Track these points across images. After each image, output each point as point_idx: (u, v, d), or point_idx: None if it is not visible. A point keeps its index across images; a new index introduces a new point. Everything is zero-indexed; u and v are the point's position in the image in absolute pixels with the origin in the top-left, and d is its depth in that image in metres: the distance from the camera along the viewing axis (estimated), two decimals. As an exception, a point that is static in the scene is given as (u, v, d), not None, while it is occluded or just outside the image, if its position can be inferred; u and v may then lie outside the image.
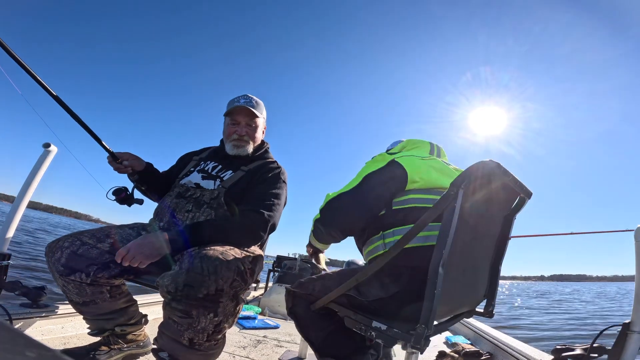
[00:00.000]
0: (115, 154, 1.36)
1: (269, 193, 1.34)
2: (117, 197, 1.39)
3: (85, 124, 1.28)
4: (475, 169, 0.85)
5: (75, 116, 1.25)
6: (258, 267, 1.27)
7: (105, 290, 1.22)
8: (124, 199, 1.40)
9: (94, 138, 1.32)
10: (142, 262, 1.08)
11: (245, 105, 1.42)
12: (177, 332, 1.01)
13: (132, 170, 1.39)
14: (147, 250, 1.09)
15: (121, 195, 1.40)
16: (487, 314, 1.22)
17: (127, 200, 1.41)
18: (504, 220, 1.18)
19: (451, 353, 2.04)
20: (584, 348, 1.45)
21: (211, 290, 0.96)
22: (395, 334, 0.87)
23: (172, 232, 1.17)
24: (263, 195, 1.33)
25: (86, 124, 1.28)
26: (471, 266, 1.08)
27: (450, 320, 1.15)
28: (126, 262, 1.07)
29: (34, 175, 1.47)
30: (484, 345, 2.25)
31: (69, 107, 1.23)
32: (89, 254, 1.19)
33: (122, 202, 1.40)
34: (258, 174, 1.41)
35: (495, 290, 1.22)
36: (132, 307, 1.36)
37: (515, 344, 1.96)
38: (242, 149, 1.45)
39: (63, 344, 1.46)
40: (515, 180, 1.02)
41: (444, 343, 2.44)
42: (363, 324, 0.97)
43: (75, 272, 1.16)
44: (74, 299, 1.21)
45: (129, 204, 1.42)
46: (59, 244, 1.19)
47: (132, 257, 1.07)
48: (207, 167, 1.45)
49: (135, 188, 1.45)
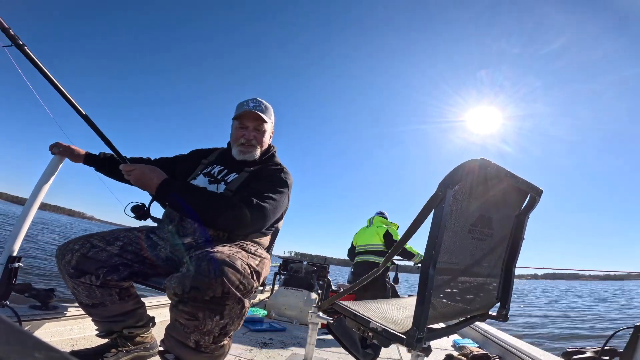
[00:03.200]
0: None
1: (266, 189, 1.29)
2: (137, 214, 1.40)
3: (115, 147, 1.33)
4: (463, 168, 0.83)
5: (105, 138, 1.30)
6: (264, 270, 1.27)
7: (114, 292, 1.24)
8: (142, 216, 1.41)
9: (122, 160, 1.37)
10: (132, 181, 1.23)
11: (254, 109, 1.41)
12: (184, 335, 1.01)
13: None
14: (143, 180, 1.21)
15: (140, 212, 1.40)
16: (500, 318, 1.19)
17: (144, 217, 1.42)
18: (516, 220, 1.16)
19: (459, 356, 2.02)
20: (595, 351, 1.42)
21: (217, 292, 0.97)
22: (390, 335, 0.88)
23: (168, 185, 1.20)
24: (259, 190, 1.28)
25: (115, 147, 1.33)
26: (477, 268, 1.06)
27: (460, 323, 1.14)
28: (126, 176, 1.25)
29: (44, 180, 1.49)
30: (492, 348, 2.23)
31: (98, 128, 1.29)
32: (99, 256, 1.20)
33: (139, 218, 1.41)
34: (262, 173, 1.40)
35: (509, 293, 1.18)
36: (140, 310, 1.37)
37: (525, 347, 1.93)
38: (249, 155, 1.44)
39: (71, 346, 1.48)
40: (519, 178, 1.00)
41: (451, 346, 2.41)
42: (362, 324, 0.98)
43: (85, 274, 1.18)
44: (83, 300, 1.23)
45: (145, 219, 1.43)
46: (69, 247, 1.21)
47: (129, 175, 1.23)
48: (213, 171, 1.45)
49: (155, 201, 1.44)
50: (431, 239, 0.81)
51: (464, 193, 0.88)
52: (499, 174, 0.93)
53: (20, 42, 1.10)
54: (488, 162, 0.87)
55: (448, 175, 0.82)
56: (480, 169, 0.86)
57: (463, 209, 0.90)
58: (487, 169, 0.88)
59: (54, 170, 1.51)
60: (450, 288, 0.98)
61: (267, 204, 1.24)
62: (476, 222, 0.97)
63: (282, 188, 1.34)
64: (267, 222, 1.26)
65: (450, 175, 0.82)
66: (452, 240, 0.90)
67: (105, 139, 1.32)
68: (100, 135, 1.31)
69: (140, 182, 1.22)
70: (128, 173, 1.24)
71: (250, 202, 1.20)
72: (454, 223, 0.88)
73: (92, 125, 1.29)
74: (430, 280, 0.80)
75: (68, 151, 1.51)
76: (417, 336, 0.79)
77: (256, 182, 1.34)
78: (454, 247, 0.92)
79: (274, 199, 1.27)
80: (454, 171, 0.82)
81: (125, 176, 1.26)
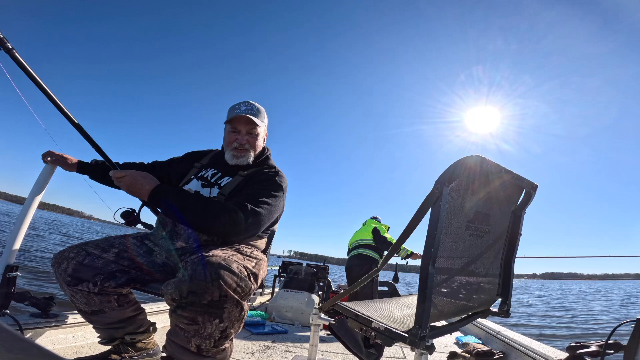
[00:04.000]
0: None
1: (261, 193, 1.28)
2: (126, 219, 1.40)
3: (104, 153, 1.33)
4: (459, 165, 0.82)
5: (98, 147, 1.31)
6: (262, 272, 1.26)
7: (113, 299, 1.23)
8: (132, 222, 1.41)
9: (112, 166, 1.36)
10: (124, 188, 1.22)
11: (245, 113, 1.39)
12: (185, 339, 1.01)
13: None
14: (134, 187, 1.20)
15: (130, 218, 1.40)
16: (502, 314, 1.19)
17: (135, 222, 1.42)
18: (513, 216, 1.16)
19: (462, 353, 2.01)
20: (599, 345, 1.42)
21: (215, 296, 0.96)
22: (393, 334, 0.88)
23: (160, 191, 1.19)
24: (254, 194, 1.27)
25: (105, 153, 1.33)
26: (476, 265, 1.06)
27: (462, 320, 1.14)
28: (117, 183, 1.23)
29: (38, 189, 1.48)
30: (496, 345, 2.22)
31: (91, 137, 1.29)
32: (95, 264, 1.20)
33: (130, 224, 1.41)
34: (256, 176, 1.38)
35: (510, 289, 1.19)
36: (140, 316, 1.36)
37: (529, 343, 1.93)
38: (242, 159, 1.42)
39: (75, 353, 1.48)
40: (513, 173, 1.00)
41: (454, 343, 2.41)
42: (364, 324, 0.98)
43: (82, 282, 1.17)
44: (82, 308, 1.23)
45: (135, 225, 1.43)
46: (65, 255, 1.21)
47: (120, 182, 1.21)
48: (206, 175, 1.44)
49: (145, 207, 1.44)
50: (429, 236, 0.81)
51: (461, 190, 0.88)
52: (494, 170, 0.93)
53: (9, 45, 1.06)
54: (483, 159, 0.86)
55: (444, 172, 0.82)
56: (476, 166, 0.86)
57: (460, 206, 0.89)
58: (482, 166, 0.88)
59: (47, 178, 1.50)
60: (451, 285, 0.98)
61: (262, 209, 1.23)
62: (473, 219, 0.97)
63: (277, 192, 1.32)
64: (261, 227, 1.25)
65: (446, 172, 0.81)
66: (451, 237, 0.90)
67: (95, 145, 1.32)
68: (90, 141, 1.31)
69: (131, 189, 1.21)
70: (119, 180, 1.22)
71: (245, 208, 1.19)
72: (452, 220, 0.88)
73: (82, 131, 1.29)
74: (430, 278, 0.80)
75: (61, 160, 1.50)
76: (419, 334, 0.79)
77: (251, 187, 1.33)
78: (453, 244, 0.91)
79: (269, 204, 1.26)
80: (450, 168, 0.82)
81: (116, 183, 1.24)
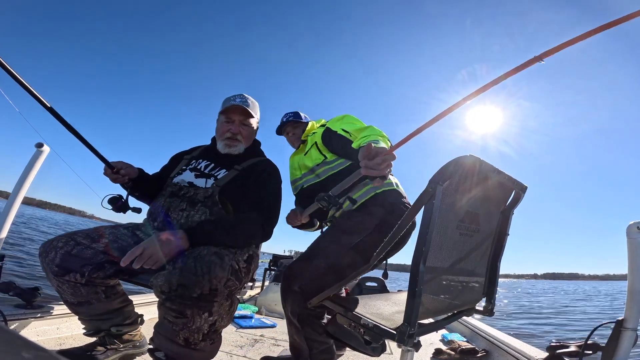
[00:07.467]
0: (111, 163, 1.34)
1: (267, 198, 1.36)
2: (114, 205, 1.39)
3: (81, 136, 1.26)
4: (452, 165, 0.83)
5: (71, 128, 1.24)
6: (253, 266, 1.27)
7: (100, 290, 1.22)
8: (120, 207, 1.40)
9: (91, 149, 1.30)
10: (158, 263, 1.03)
11: (240, 104, 1.43)
12: (173, 332, 1.00)
13: (128, 178, 1.39)
14: (165, 249, 1.04)
15: (117, 203, 1.39)
16: (487, 312, 1.22)
17: (123, 208, 1.41)
18: (501, 216, 1.18)
19: (447, 350, 2.05)
20: (579, 345, 1.46)
21: (205, 289, 0.96)
22: (381, 331, 0.89)
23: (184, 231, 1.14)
24: (262, 201, 1.34)
25: (82, 135, 1.26)
26: (465, 264, 1.08)
27: (448, 318, 1.16)
28: (138, 264, 1.00)
29: (26, 175, 1.46)
30: (479, 343, 2.27)
31: (64, 119, 1.22)
32: (84, 254, 1.18)
33: (118, 210, 1.40)
34: (253, 173, 1.41)
35: (495, 288, 1.22)
36: (127, 307, 1.35)
37: (511, 341, 1.98)
38: (234, 148, 1.45)
39: (59, 345, 1.46)
40: (504, 174, 1.02)
41: (440, 340, 2.45)
42: (353, 320, 0.99)
43: (69, 272, 1.15)
44: (68, 299, 1.21)
45: (124, 211, 1.42)
46: (53, 244, 1.18)
47: (149, 257, 1.02)
48: (199, 166, 1.44)
49: (130, 195, 1.44)
50: (421, 234, 0.81)
51: (453, 189, 0.89)
52: (486, 170, 0.94)
53: None
54: (478, 159, 0.88)
55: (438, 171, 0.83)
56: (470, 166, 0.88)
57: (452, 205, 0.91)
58: (475, 166, 0.89)
59: (35, 164, 1.47)
60: (440, 284, 0.99)
61: (271, 218, 1.34)
62: (464, 218, 0.98)
63: (278, 193, 1.42)
64: (271, 234, 1.35)
65: (440, 171, 0.83)
66: (442, 236, 0.91)
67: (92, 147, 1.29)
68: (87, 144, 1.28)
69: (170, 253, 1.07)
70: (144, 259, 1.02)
71: (258, 221, 1.29)
72: (444, 219, 0.89)
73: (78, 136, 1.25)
74: (421, 276, 0.81)
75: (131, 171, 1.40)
76: (408, 332, 0.80)
77: (254, 191, 1.37)
78: (443, 243, 0.92)
79: (276, 209, 1.38)
80: (444, 167, 0.83)
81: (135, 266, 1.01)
